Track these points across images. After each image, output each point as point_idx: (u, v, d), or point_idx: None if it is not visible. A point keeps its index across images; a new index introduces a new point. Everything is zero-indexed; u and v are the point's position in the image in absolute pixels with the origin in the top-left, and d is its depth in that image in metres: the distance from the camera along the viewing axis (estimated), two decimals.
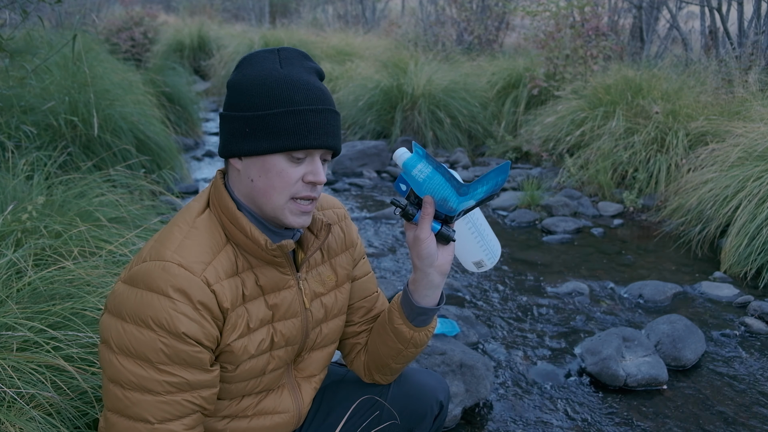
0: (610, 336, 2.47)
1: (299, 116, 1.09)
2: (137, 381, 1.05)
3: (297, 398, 1.31)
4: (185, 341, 1.06)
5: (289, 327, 1.23)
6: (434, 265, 1.21)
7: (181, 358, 1.06)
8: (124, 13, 10.40)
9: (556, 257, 3.59)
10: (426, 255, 1.19)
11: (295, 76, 1.11)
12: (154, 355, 1.05)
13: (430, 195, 1.13)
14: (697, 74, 5.11)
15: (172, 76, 6.32)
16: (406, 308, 1.28)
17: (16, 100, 3.40)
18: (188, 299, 1.06)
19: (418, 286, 1.25)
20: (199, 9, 15.53)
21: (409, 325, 1.29)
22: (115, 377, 1.06)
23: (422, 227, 1.16)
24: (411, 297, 1.26)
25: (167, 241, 1.10)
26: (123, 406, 1.06)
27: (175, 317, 1.05)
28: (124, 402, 1.06)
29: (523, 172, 5.25)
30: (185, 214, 1.16)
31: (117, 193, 2.73)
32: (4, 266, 1.78)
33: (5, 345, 1.45)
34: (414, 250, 1.20)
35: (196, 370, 1.08)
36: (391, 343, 1.32)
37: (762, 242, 3.15)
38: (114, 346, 1.06)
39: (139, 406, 1.06)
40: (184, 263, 1.07)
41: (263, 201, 1.13)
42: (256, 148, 1.10)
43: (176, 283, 1.05)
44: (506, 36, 9.43)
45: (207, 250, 1.11)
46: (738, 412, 2.17)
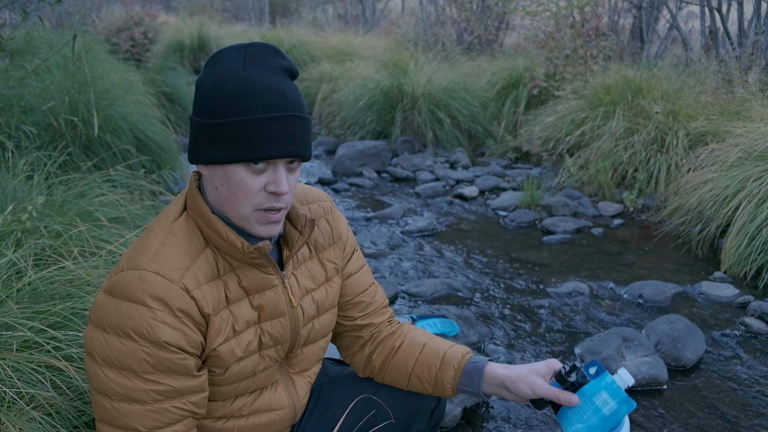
0: (610, 336, 2.47)
1: (255, 125, 1.04)
2: (123, 391, 1.05)
3: (291, 394, 1.30)
4: (168, 350, 1.05)
5: (277, 327, 1.22)
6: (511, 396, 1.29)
7: (166, 366, 1.06)
8: (124, 13, 10.40)
9: (556, 257, 3.59)
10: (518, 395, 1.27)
11: (256, 79, 1.05)
12: (138, 365, 1.04)
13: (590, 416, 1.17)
14: (697, 74, 5.11)
15: (172, 76, 6.32)
16: (465, 378, 1.33)
17: (16, 100, 3.40)
18: (167, 307, 1.05)
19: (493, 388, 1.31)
20: (199, 9, 15.54)
21: (455, 388, 1.34)
22: (101, 389, 1.06)
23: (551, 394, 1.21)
24: (480, 385, 1.31)
25: (143, 249, 1.09)
26: (112, 417, 1.06)
27: (155, 326, 1.04)
28: (113, 413, 1.06)
29: (523, 172, 5.25)
30: (162, 219, 1.15)
31: (117, 193, 2.73)
32: (4, 266, 1.78)
33: (5, 345, 1.45)
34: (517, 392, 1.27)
35: (182, 376, 1.08)
36: (425, 383, 1.37)
37: (762, 242, 3.15)
38: (98, 357, 1.06)
39: (128, 416, 1.05)
40: (161, 271, 1.06)
41: (229, 209, 1.11)
42: (215, 157, 1.06)
43: (154, 291, 1.04)
44: (506, 36, 9.43)
45: (185, 256, 1.10)
46: (738, 412, 2.17)
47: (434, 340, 1.40)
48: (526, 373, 1.26)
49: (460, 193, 4.79)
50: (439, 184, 5.00)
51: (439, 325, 2.50)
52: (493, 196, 4.76)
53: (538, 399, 1.24)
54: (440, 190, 4.91)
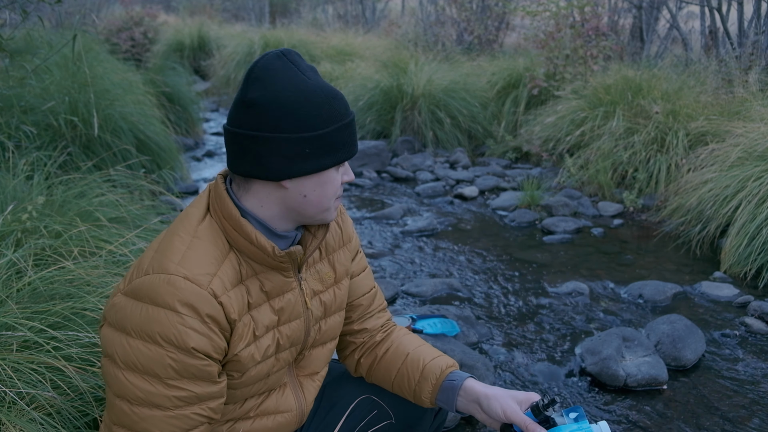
0: (610, 336, 2.47)
1: (347, 128, 1.11)
2: (145, 396, 1.03)
3: (299, 397, 1.30)
4: (194, 356, 1.04)
5: (293, 328, 1.22)
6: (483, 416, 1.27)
7: (190, 372, 1.05)
8: (124, 13, 10.41)
9: (556, 257, 3.59)
10: (489, 415, 1.25)
11: (326, 87, 1.10)
12: (163, 370, 1.03)
13: None
14: (697, 74, 5.11)
15: (172, 76, 6.33)
16: (442, 395, 1.32)
17: (16, 100, 3.40)
18: (196, 313, 1.04)
19: (466, 404, 1.29)
20: (199, 9, 15.53)
21: (433, 402, 1.33)
22: (121, 392, 1.04)
23: (521, 421, 1.18)
24: (455, 402, 1.30)
25: (169, 252, 1.07)
26: (131, 421, 1.04)
27: (183, 332, 1.02)
28: (132, 417, 1.04)
29: (523, 172, 5.25)
30: (185, 222, 1.13)
31: (117, 193, 2.74)
32: (4, 266, 1.78)
33: (5, 345, 1.45)
34: (488, 411, 1.24)
35: (204, 382, 1.07)
36: (406, 394, 1.37)
37: (762, 242, 3.15)
38: (119, 361, 1.04)
39: (148, 421, 1.04)
40: (189, 276, 1.04)
41: (313, 211, 1.13)
42: (318, 166, 1.08)
43: (183, 297, 1.03)
44: (506, 36, 9.43)
45: (212, 261, 1.08)
46: (738, 412, 2.17)
47: (418, 350, 1.38)
48: (502, 394, 1.24)
49: (460, 193, 4.79)
50: (439, 184, 5.00)
51: (439, 325, 2.49)
52: (493, 196, 4.76)
53: (507, 428, 1.21)
54: (440, 190, 4.91)
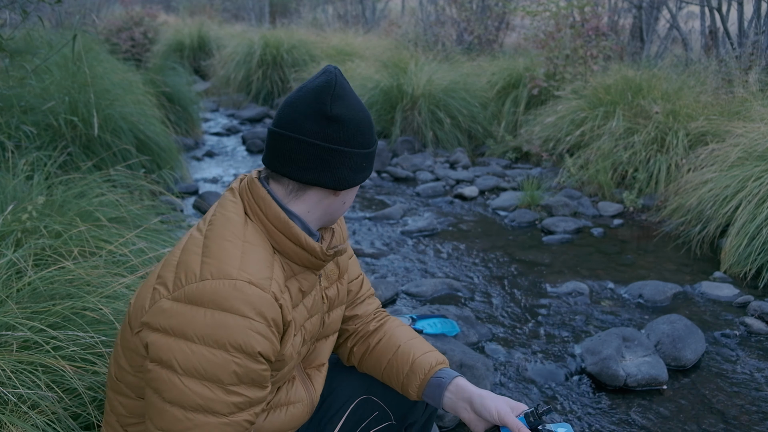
0: (610, 336, 2.47)
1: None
2: (204, 403, 1.02)
3: (309, 388, 1.33)
4: (258, 361, 1.05)
5: (313, 323, 1.26)
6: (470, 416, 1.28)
7: (250, 377, 1.05)
8: (124, 13, 10.41)
9: (556, 257, 3.59)
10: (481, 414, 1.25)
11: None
12: (227, 376, 1.02)
13: None
14: (697, 74, 5.11)
15: (172, 76, 6.32)
16: (429, 390, 1.33)
17: (16, 100, 3.40)
18: (263, 317, 1.04)
19: (455, 402, 1.30)
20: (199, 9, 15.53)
21: (420, 396, 1.35)
22: (177, 399, 1.03)
23: (514, 424, 1.19)
24: (442, 398, 1.31)
25: (226, 257, 1.07)
26: (183, 427, 1.03)
27: (252, 337, 1.03)
28: (185, 423, 1.03)
29: (523, 172, 5.25)
30: (229, 227, 1.12)
31: (117, 193, 2.73)
32: (4, 266, 1.78)
33: (5, 345, 1.45)
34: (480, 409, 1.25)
35: (257, 388, 1.07)
36: (394, 386, 1.39)
37: (762, 242, 3.15)
38: (179, 368, 1.02)
39: (201, 427, 1.03)
40: (253, 280, 1.05)
41: (340, 215, 1.24)
42: (366, 177, 1.21)
43: (251, 301, 1.03)
44: (506, 36, 9.43)
45: (267, 264, 1.10)
46: (738, 412, 2.17)
47: (409, 343, 1.39)
48: (496, 396, 1.25)
49: (460, 193, 4.78)
50: (439, 184, 5.00)
51: (439, 325, 2.49)
52: (493, 196, 4.76)
53: (494, 429, 1.21)
54: (440, 190, 4.91)
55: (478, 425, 1.26)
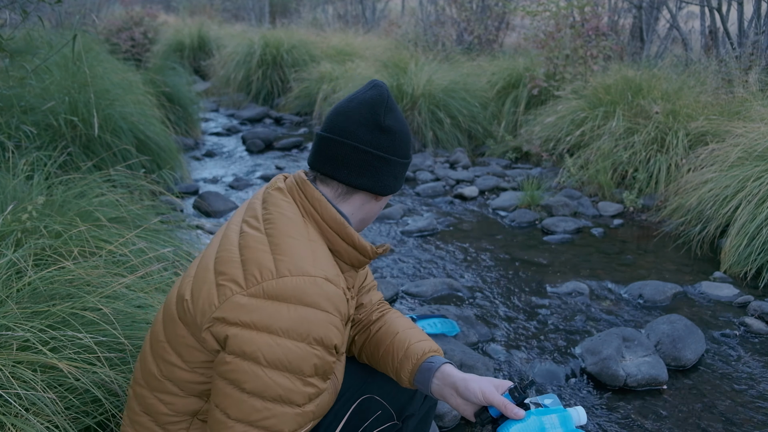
0: (610, 336, 2.47)
1: None
2: (284, 393, 1.07)
3: (333, 377, 1.34)
4: (332, 353, 1.10)
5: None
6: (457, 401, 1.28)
7: (325, 370, 1.10)
8: (124, 13, 10.41)
9: (556, 257, 3.59)
10: (467, 397, 1.25)
11: None
12: (308, 368, 1.08)
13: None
14: (697, 74, 5.11)
15: (172, 76, 6.32)
16: (420, 375, 1.34)
17: (16, 100, 3.40)
18: (338, 312, 1.11)
19: (442, 388, 1.30)
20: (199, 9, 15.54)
21: (412, 382, 1.37)
22: (258, 390, 1.07)
23: (500, 402, 1.19)
24: (430, 384, 1.32)
25: (298, 255, 1.12)
26: (260, 417, 1.07)
27: (330, 331, 1.09)
28: (263, 413, 1.07)
29: (523, 172, 5.25)
30: (292, 226, 1.18)
31: (117, 193, 2.73)
32: (4, 266, 1.78)
33: (5, 345, 1.45)
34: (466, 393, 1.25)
35: (325, 380, 1.12)
36: (390, 372, 1.42)
37: (762, 242, 3.15)
38: (264, 359, 1.06)
39: (278, 417, 1.08)
40: (329, 277, 1.11)
41: (373, 219, 1.33)
42: (400, 187, 1.32)
43: (330, 297, 1.10)
44: (506, 36, 9.43)
45: (333, 262, 1.18)
46: (738, 412, 2.17)
47: (407, 331, 1.43)
48: (480, 378, 1.26)
49: (460, 193, 4.78)
50: (439, 184, 5.00)
51: (439, 325, 2.50)
52: (493, 196, 4.76)
53: (483, 412, 1.21)
54: (440, 190, 4.91)
55: (466, 409, 1.27)
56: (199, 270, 1.20)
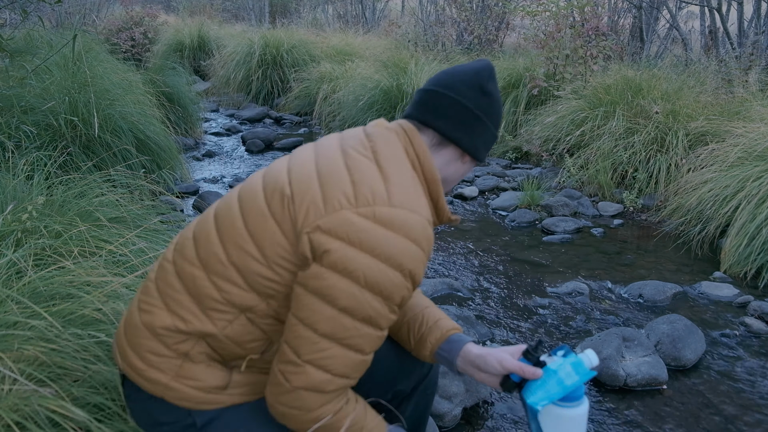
0: (610, 336, 2.47)
1: None
2: (375, 315, 1.09)
3: None
4: (411, 291, 1.14)
5: None
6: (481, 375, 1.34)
7: (402, 303, 1.13)
8: (124, 13, 10.41)
9: (556, 257, 3.59)
10: (488, 371, 1.31)
11: None
12: (398, 298, 1.11)
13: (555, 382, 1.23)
14: (697, 74, 5.11)
15: (172, 76, 6.32)
16: (447, 345, 1.38)
17: (16, 100, 3.40)
18: (427, 255, 1.14)
19: (465, 365, 1.36)
20: (199, 9, 15.54)
21: (434, 351, 1.40)
22: (352, 308, 1.08)
23: (518, 368, 1.26)
24: (456, 358, 1.36)
25: (408, 192, 1.14)
26: (348, 335, 1.09)
27: (421, 270, 1.12)
28: (351, 332, 1.09)
29: (523, 172, 5.25)
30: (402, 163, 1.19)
31: (117, 193, 2.73)
32: (4, 266, 1.78)
33: (5, 345, 1.45)
34: (486, 368, 1.31)
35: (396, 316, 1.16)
36: (411, 336, 1.44)
37: (762, 242, 3.15)
38: (364, 281, 1.07)
39: (364, 338, 1.10)
40: (429, 221, 1.15)
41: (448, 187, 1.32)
42: (482, 161, 1.35)
43: (429, 240, 1.13)
44: (506, 36, 9.43)
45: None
46: (738, 412, 2.17)
47: (437, 308, 1.48)
48: (496, 350, 1.32)
49: (460, 193, 4.78)
50: None
51: None
52: (493, 196, 4.76)
53: (506, 380, 1.28)
54: None
55: (491, 381, 1.33)
56: (296, 168, 1.18)
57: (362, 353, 1.11)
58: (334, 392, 1.12)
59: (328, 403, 1.12)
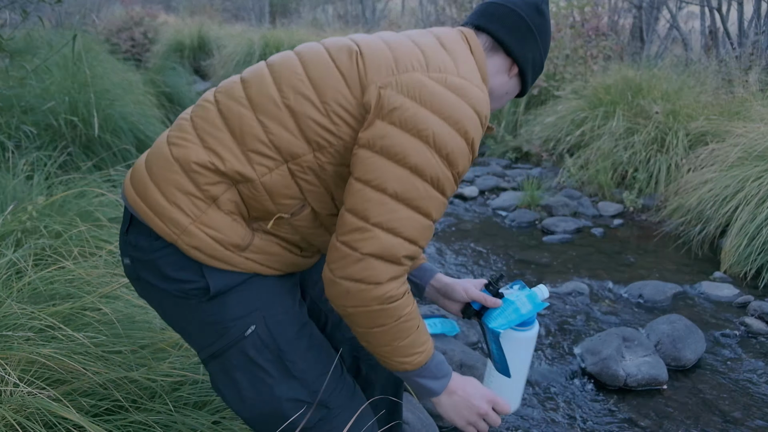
0: (610, 336, 2.46)
1: None
2: (443, 178, 1.08)
3: None
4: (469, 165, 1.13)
5: None
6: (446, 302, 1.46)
7: (461, 175, 1.13)
8: (124, 13, 10.42)
9: (556, 257, 3.59)
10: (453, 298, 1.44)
11: None
12: (461, 166, 1.10)
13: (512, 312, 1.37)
14: (697, 74, 5.10)
15: (172, 76, 6.32)
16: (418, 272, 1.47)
17: (16, 100, 3.40)
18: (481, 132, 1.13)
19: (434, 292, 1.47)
20: (199, 9, 15.54)
21: None
22: (422, 167, 1.06)
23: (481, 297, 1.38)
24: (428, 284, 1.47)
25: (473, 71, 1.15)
26: (417, 196, 1.07)
27: (477, 142, 1.12)
28: (421, 192, 1.07)
29: (523, 172, 5.25)
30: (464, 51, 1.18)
31: (117, 193, 2.73)
32: (4, 266, 1.78)
33: (5, 345, 1.45)
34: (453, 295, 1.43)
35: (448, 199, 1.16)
36: None
37: (762, 242, 3.15)
38: (433, 140, 1.06)
39: (432, 200, 1.08)
40: (487, 98, 1.15)
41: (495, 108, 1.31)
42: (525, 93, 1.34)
43: (487, 116, 1.14)
44: None
45: None
46: (738, 412, 2.17)
47: None
48: (462, 281, 1.43)
49: (460, 193, 4.78)
50: None
51: (439, 325, 2.50)
52: (493, 196, 4.76)
53: (467, 308, 1.43)
54: None
55: (453, 307, 1.44)
56: (360, 38, 1.17)
57: (429, 217, 1.09)
58: (403, 263, 1.09)
59: (396, 278, 1.09)
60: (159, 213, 1.11)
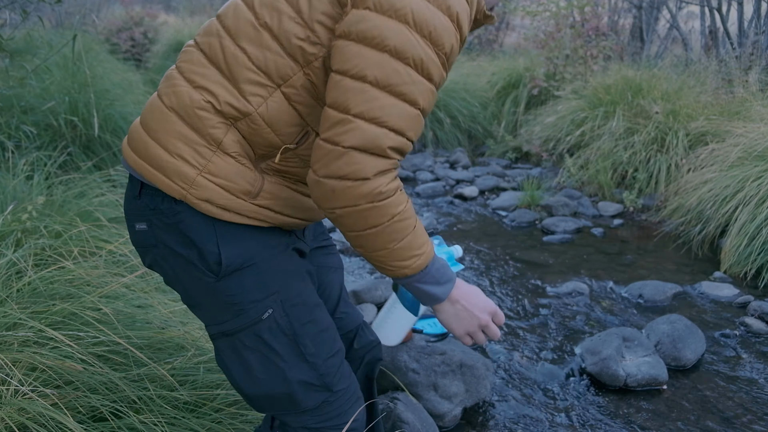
0: (610, 336, 2.47)
1: None
2: (426, 60, 1.00)
3: None
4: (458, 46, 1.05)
5: None
6: None
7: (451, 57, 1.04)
8: (124, 13, 10.41)
9: (556, 257, 3.59)
10: None
11: None
12: (448, 45, 1.02)
13: None
14: (697, 74, 5.11)
15: None
16: None
17: (16, 100, 3.40)
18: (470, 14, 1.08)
19: None
20: (199, 9, 15.52)
21: None
22: (402, 48, 0.99)
23: None
24: None
25: None
26: (400, 81, 0.99)
27: (466, 21, 1.04)
28: (403, 77, 0.99)
29: (523, 172, 5.25)
30: None
31: (117, 193, 2.73)
32: (4, 266, 1.78)
33: (5, 345, 1.45)
34: None
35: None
36: None
37: (762, 242, 3.15)
38: (412, 19, 0.99)
39: (416, 86, 1.00)
40: None
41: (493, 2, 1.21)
42: None
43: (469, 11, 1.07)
44: (506, 36, 9.44)
45: None
46: (738, 412, 2.17)
47: None
48: None
49: (460, 193, 4.79)
50: (439, 184, 5.00)
51: (439, 324, 2.49)
52: (493, 196, 4.76)
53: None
54: (440, 190, 4.91)
55: None
56: None
57: (415, 105, 1.01)
58: (390, 155, 1.01)
59: (384, 173, 1.01)
60: (164, 169, 1.08)
